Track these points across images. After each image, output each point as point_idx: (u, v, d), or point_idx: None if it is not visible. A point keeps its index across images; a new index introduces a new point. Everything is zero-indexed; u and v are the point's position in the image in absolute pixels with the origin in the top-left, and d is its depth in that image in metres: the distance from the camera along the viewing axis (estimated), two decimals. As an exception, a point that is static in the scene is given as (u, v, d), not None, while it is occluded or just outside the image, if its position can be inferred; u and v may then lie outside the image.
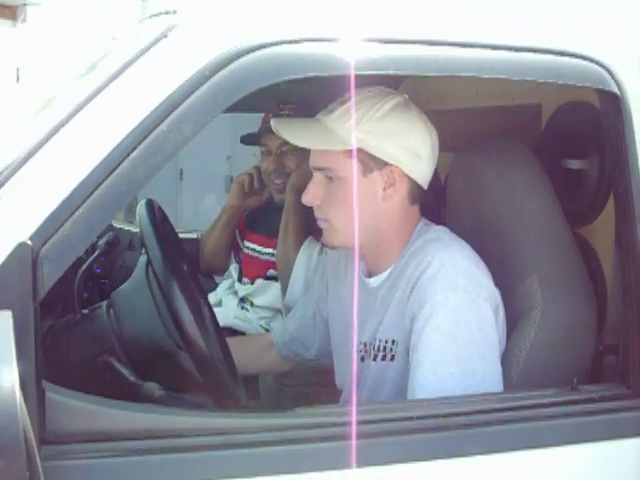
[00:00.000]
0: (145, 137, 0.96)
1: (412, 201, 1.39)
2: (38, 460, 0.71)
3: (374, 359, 1.38)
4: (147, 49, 1.03)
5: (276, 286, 2.23)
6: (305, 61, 1.02)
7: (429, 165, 1.38)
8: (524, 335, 1.36)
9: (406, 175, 1.35)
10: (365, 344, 1.42)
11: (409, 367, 1.28)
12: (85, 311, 1.45)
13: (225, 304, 2.35)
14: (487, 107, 1.84)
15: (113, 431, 0.95)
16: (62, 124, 0.99)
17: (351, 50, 1.03)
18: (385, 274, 1.42)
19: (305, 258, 2.06)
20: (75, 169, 0.95)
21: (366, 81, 1.26)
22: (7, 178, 0.96)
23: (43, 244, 0.92)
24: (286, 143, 1.93)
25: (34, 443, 0.70)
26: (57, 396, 0.93)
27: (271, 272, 2.27)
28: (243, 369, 1.59)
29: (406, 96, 1.39)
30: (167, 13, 1.16)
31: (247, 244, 2.38)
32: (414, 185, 1.37)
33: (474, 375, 1.23)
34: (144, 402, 1.18)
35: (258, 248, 2.34)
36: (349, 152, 1.31)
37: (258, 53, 1.00)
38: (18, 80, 5.42)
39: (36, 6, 5.17)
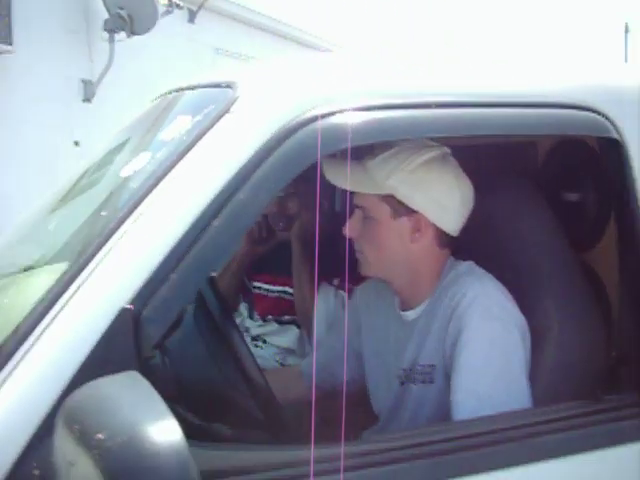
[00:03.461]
0: (224, 206, 1.07)
1: (441, 246, 1.54)
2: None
3: (414, 383, 1.51)
4: (213, 124, 1.15)
5: (292, 328, 2.34)
6: (361, 129, 1.15)
7: (457, 216, 1.52)
8: (547, 353, 1.49)
9: (432, 223, 1.49)
10: (404, 370, 1.55)
11: (450, 390, 1.41)
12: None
13: (239, 342, 2.44)
14: (489, 144, 1.99)
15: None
16: (144, 196, 1.10)
17: (400, 117, 1.17)
18: (421, 307, 1.55)
19: (323, 304, 2.17)
20: (165, 237, 1.05)
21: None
22: (98, 249, 1.07)
23: (144, 307, 1.02)
24: (288, 187, 2.05)
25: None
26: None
27: (286, 318, 2.38)
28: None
29: (447, 150, 1.53)
30: (221, 86, 1.28)
31: (255, 284, 2.48)
32: (441, 232, 1.52)
33: (508, 395, 1.36)
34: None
35: (266, 287, 2.44)
36: (382, 196, 1.47)
37: (317, 124, 1.12)
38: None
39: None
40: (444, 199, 1.48)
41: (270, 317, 2.40)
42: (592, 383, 1.40)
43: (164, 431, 0.80)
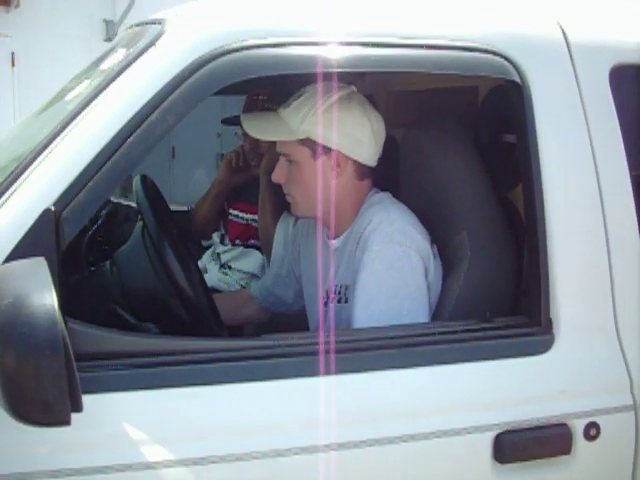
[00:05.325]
0: (139, 126, 1.23)
1: (360, 177, 1.68)
2: (71, 351, 1.00)
3: (332, 302, 1.67)
4: (139, 55, 1.31)
5: (255, 254, 2.54)
6: (260, 64, 1.30)
7: (371, 147, 1.65)
8: (456, 281, 1.64)
9: (349, 157, 1.63)
10: (326, 291, 1.72)
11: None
12: (92, 269, 1.74)
13: (209, 270, 2.67)
14: (434, 88, 2.11)
15: (117, 351, 1.24)
16: (75, 115, 1.27)
17: (298, 53, 1.32)
18: (343, 236, 1.71)
19: (282, 231, 2.36)
20: (86, 151, 1.22)
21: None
22: (32, 160, 1.24)
23: (64, 209, 1.20)
24: None
25: (68, 341, 0.99)
26: (76, 326, 1.21)
27: (251, 242, 2.57)
28: (228, 320, 1.90)
29: (354, 88, 1.66)
30: (155, 23, 1.43)
31: (231, 211, 2.69)
32: (359, 165, 1.66)
33: (401, 311, 1.52)
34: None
35: (240, 214, 2.65)
36: (301, 140, 1.61)
37: (226, 57, 1.27)
38: (13, 65, 5.67)
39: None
40: (356, 133, 1.62)
41: (238, 242, 2.60)
42: (494, 309, 1.55)
43: (42, 298, 0.99)
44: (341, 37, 1.37)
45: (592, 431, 1.43)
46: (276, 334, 1.37)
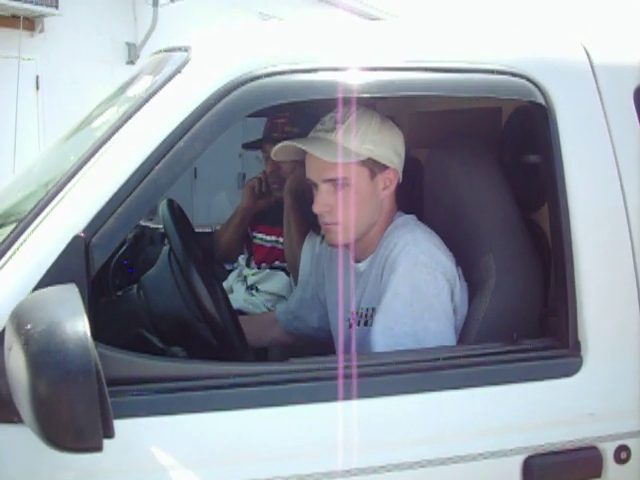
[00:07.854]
0: (167, 152, 1.25)
1: (396, 195, 1.70)
2: (103, 377, 1.01)
3: (358, 324, 1.67)
4: (166, 82, 1.32)
5: (281, 275, 2.54)
6: (289, 89, 1.31)
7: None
8: (481, 302, 1.63)
9: (397, 175, 1.66)
10: (353, 313, 1.71)
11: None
12: (119, 293, 1.76)
13: (235, 291, 2.67)
14: (458, 109, 2.11)
15: (145, 376, 1.24)
16: (104, 142, 1.29)
17: (327, 79, 1.33)
18: (369, 259, 1.71)
19: (309, 251, 2.37)
20: (115, 178, 1.24)
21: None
22: (62, 186, 1.26)
23: (93, 235, 1.21)
24: None
25: (100, 367, 1.00)
26: (104, 350, 1.22)
27: (277, 263, 2.58)
28: (253, 342, 1.90)
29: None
30: (180, 50, 1.45)
31: (255, 234, 2.70)
32: (398, 182, 1.68)
33: (427, 334, 1.51)
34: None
35: (263, 237, 2.66)
36: (362, 161, 1.59)
37: (253, 83, 1.29)
38: (38, 88, 5.76)
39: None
40: (401, 149, 1.67)
41: (264, 265, 2.61)
42: (520, 330, 1.54)
43: (74, 325, 1.01)
44: (368, 62, 1.37)
45: (622, 454, 1.42)
46: (303, 358, 1.37)
